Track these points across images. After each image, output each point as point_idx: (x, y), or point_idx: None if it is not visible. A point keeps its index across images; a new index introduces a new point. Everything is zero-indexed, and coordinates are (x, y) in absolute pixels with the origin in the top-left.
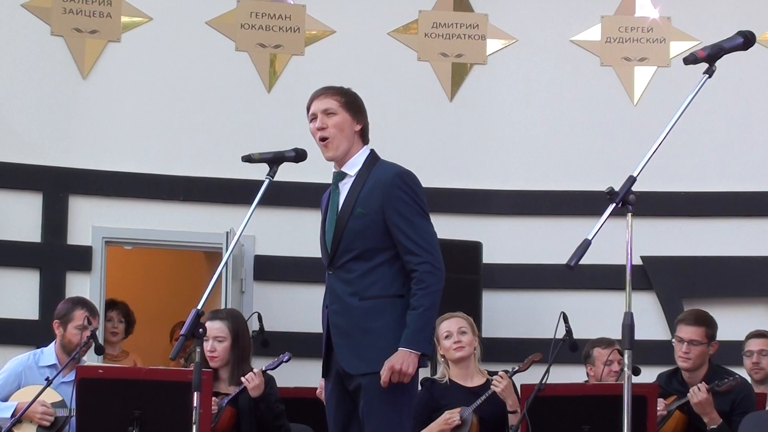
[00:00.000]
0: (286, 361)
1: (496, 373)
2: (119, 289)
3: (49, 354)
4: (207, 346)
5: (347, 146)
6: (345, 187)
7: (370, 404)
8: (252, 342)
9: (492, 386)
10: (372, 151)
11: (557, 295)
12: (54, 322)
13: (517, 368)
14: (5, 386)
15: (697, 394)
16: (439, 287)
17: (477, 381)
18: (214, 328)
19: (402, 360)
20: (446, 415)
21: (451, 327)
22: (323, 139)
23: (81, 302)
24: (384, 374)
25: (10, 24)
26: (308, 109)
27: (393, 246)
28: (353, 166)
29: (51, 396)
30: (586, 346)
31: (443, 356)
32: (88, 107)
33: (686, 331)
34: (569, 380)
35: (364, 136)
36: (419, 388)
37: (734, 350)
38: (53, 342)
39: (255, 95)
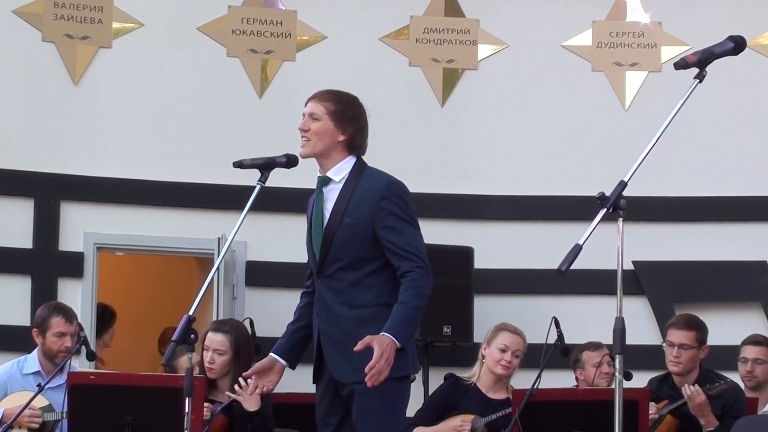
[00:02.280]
0: None
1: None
2: (111, 296)
3: (32, 361)
4: (206, 356)
5: (322, 150)
6: (331, 194)
7: (363, 410)
8: (254, 352)
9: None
10: (359, 158)
11: (549, 300)
12: (33, 330)
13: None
14: None
15: (696, 396)
16: (429, 292)
17: (500, 395)
18: (216, 340)
19: (387, 344)
20: (457, 420)
21: (511, 344)
22: (302, 142)
23: (57, 308)
24: (361, 343)
25: (1, 30)
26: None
27: (382, 255)
28: (338, 173)
29: (38, 401)
30: (574, 351)
31: (484, 357)
32: (80, 113)
33: (676, 335)
34: (561, 385)
35: (350, 147)
36: (406, 388)
37: (726, 355)
38: (36, 349)
39: (246, 101)
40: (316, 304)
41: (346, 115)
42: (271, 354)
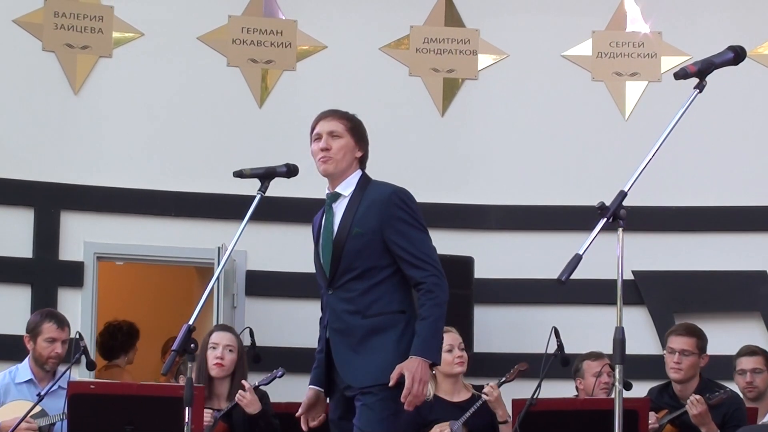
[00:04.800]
0: (280, 377)
1: (481, 387)
2: (111, 305)
3: (24, 370)
4: (215, 353)
5: (345, 167)
6: (339, 208)
7: (364, 415)
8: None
9: (484, 395)
10: (364, 172)
11: (549, 309)
12: (24, 336)
13: (504, 378)
14: None
15: (696, 406)
16: (446, 299)
17: (463, 396)
18: (226, 337)
19: (417, 367)
20: (436, 429)
21: (452, 341)
22: (324, 159)
23: (49, 315)
24: (394, 375)
25: (2, 39)
26: (312, 129)
27: (392, 263)
28: (347, 187)
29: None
30: (575, 361)
31: (432, 369)
32: (80, 123)
33: (677, 342)
34: (561, 395)
35: (361, 163)
36: None
37: (725, 365)
38: (27, 357)
39: (246, 110)
40: (328, 315)
41: (361, 132)
42: (312, 387)
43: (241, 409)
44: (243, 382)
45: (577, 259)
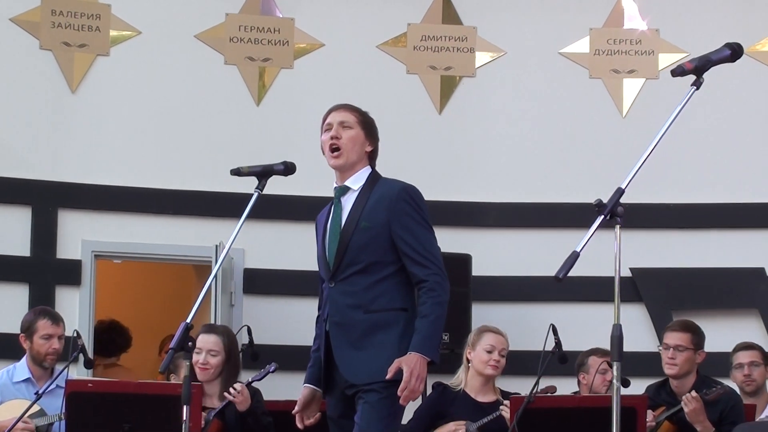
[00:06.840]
0: (272, 372)
1: (509, 394)
2: (108, 303)
3: (21, 369)
4: (199, 358)
5: (355, 159)
6: (347, 201)
7: (366, 413)
8: (241, 359)
9: (501, 410)
10: (374, 169)
11: (546, 307)
12: (20, 336)
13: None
14: None
15: (691, 402)
16: (447, 299)
17: (489, 397)
18: (210, 341)
19: (416, 362)
20: (452, 426)
21: (496, 343)
22: (334, 148)
23: (43, 312)
24: (391, 369)
25: None
26: (324, 120)
27: (397, 260)
28: (356, 181)
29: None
30: (580, 355)
31: (470, 362)
32: (77, 121)
33: (672, 337)
34: (559, 392)
35: (371, 159)
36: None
37: (723, 362)
38: (24, 357)
39: (244, 108)
40: (328, 308)
41: (371, 127)
42: (307, 385)
43: (233, 406)
44: (239, 384)
45: (574, 256)
